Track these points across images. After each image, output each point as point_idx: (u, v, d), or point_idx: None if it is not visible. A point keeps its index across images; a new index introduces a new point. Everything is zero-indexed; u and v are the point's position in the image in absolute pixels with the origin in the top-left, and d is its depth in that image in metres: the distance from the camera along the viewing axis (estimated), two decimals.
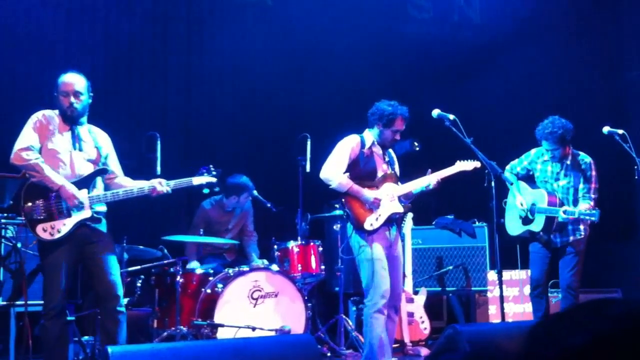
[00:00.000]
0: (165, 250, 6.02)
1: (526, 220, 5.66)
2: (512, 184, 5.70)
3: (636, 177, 5.58)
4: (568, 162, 5.62)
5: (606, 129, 5.74)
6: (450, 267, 7.15)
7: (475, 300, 7.19)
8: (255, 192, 6.52)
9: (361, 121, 5.48)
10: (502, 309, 5.08)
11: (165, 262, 5.88)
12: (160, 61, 7.72)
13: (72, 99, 4.40)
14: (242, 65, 8.12)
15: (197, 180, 4.67)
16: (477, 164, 5.37)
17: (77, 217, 4.29)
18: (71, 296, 5.00)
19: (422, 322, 6.56)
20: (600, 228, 7.25)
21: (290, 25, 8.21)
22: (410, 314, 6.51)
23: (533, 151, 5.80)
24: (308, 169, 5.98)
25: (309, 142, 6.07)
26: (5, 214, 5.15)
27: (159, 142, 5.05)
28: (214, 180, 4.75)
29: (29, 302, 4.63)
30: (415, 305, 6.59)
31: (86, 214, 4.31)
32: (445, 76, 8.66)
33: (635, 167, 5.60)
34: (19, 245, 4.78)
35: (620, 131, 5.69)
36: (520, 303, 7.00)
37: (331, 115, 7.77)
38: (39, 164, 4.26)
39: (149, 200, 4.64)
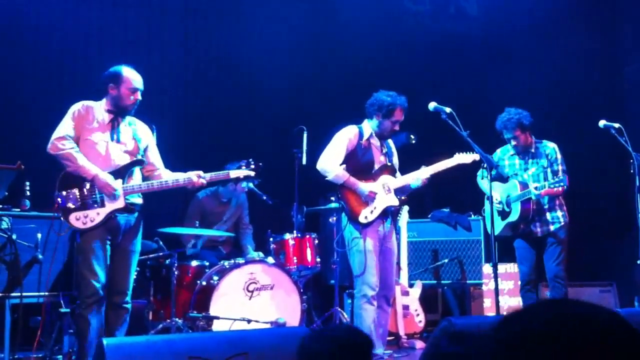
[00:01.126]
0: (161, 242, 6.02)
1: (504, 215, 5.71)
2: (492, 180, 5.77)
3: (631, 171, 5.60)
4: (532, 151, 5.77)
5: (602, 123, 5.76)
6: (446, 260, 7.16)
7: (470, 293, 7.20)
8: (251, 185, 6.52)
9: (357, 114, 5.48)
10: (497, 302, 5.09)
11: (161, 254, 5.88)
12: (157, 54, 7.69)
13: (139, 97, 4.55)
14: (239, 58, 8.09)
15: (234, 174, 4.70)
16: (476, 157, 5.39)
17: (110, 206, 4.34)
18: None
19: (417, 314, 6.57)
20: (595, 222, 7.26)
21: (287, 19, 8.19)
22: (406, 307, 6.52)
23: (498, 150, 5.92)
24: (304, 161, 5.98)
25: (305, 135, 6.07)
26: (0, 206, 5.13)
27: (155, 134, 5.04)
28: (252, 174, 4.74)
29: (24, 294, 4.63)
30: (411, 298, 6.60)
31: (120, 203, 4.37)
32: (441, 69, 8.65)
33: (631, 161, 5.61)
34: (14, 236, 4.77)
35: (616, 125, 5.71)
36: (515, 296, 7.01)
37: (327, 107, 7.76)
38: (73, 153, 4.32)
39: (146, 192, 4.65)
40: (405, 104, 5.28)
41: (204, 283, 5.53)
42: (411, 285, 6.71)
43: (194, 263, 5.89)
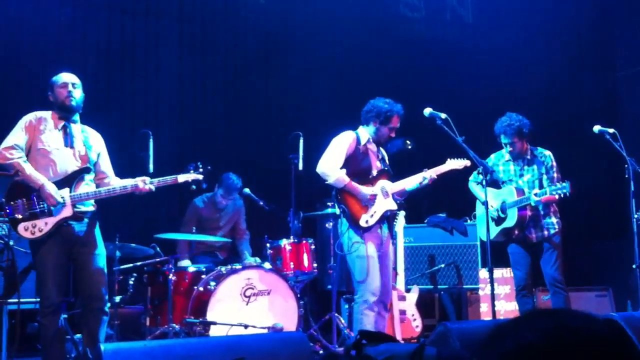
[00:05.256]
0: (158, 248, 6.02)
1: (499, 221, 5.72)
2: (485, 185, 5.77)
3: (626, 176, 5.62)
4: (528, 157, 5.77)
5: (597, 128, 5.79)
6: (442, 265, 7.16)
7: (466, 298, 7.21)
8: (247, 190, 6.54)
9: (353, 119, 5.50)
10: (493, 306, 5.11)
11: (158, 260, 5.88)
12: (153, 59, 7.71)
13: (70, 88, 4.51)
14: (235, 64, 8.12)
15: (182, 178, 4.70)
16: (467, 163, 5.47)
17: (58, 215, 4.34)
18: (65, 294, 5.02)
19: (414, 319, 6.58)
20: (591, 226, 7.30)
21: (282, 24, 8.22)
22: (402, 312, 6.53)
23: (492, 156, 5.93)
24: (300, 167, 6.00)
25: (301, 141, 6.08)
26: None
27: (151, 140, 5.05)
28: (200, 177, 4.78)
29: (21, 300, 4.64)
30: (407, 303, 6.61)
31: (67, 212, 4.36)
32: (437, 75, 8.68)
33: (626, 165, 5.64)
34: (11, 242, 4.77)
35: (611, 130, 5.74)
36: (512, 301, 7.03)
37: (323, 113, 7.78)
38: (20, 163, 4.32)
39: (139, 198, 4.67)
40: (402, 111, 5.33)
41: (201, 289, 5.54)
42: (408, 290, 6.72)
43: (191, 269, 5.89)
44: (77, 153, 4.52)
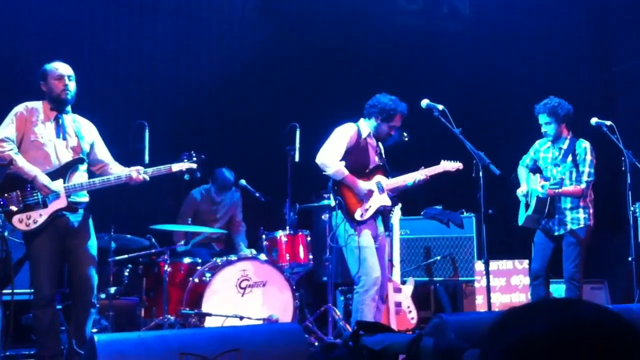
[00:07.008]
0: (153, 240, 6.01)
1: (527, 207, 5.74)
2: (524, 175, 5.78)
3: (623, 169, 5.62)
4: (565, 147, 5.67)
5: (594, 120, 5.79)
6: (438, 257, 7.17)
7: (462, 290, 7.22)
8: (243, 182, 6.52)
9: (351, 111, 5.48)
10: (489, 298, 5.11)
11: (153, 251, 5.87)
12: (149, 49, 7.68)
13: (67, 81, 4.47)
14: (232, 55, 8.09)
15: (176, 167, 4.63)
16: (460, 166, 5.55)
17: (53, 207, 4.32)
18: (58, 285, 5.00)
19: (410, 311, 6.57)
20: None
21: (280, 15, 8.19)
22: (398, 304, 6.53)
23: (537, 142, 5.88)
24: (297, 158, 5.98)
25: (298, 132, 6.06)
26: None
27: (147, 131, 5.02)
28: (194, 166, 4.68)
29: (15, 291, 4.62)
30: (403, 295, 6.60)
31: (61, 203, 4.34)
32: (434, 67, 8.66)
33: (623, 158, 5.64)
34: (5, 233, 4.75)
35: (608, 122, 5.74)
36: (507, 293, 7.04)
37: (320, 105, 7.76)
38: (12, 155, 4.29)
39: (135, 189, 4.65)
40: (405, 111, 5.31)
41: (196, 280, 5.53)
42: (403, 282, 6.72)
43: (186, 260, 5.88)
44: (69, 144, 4.50)
